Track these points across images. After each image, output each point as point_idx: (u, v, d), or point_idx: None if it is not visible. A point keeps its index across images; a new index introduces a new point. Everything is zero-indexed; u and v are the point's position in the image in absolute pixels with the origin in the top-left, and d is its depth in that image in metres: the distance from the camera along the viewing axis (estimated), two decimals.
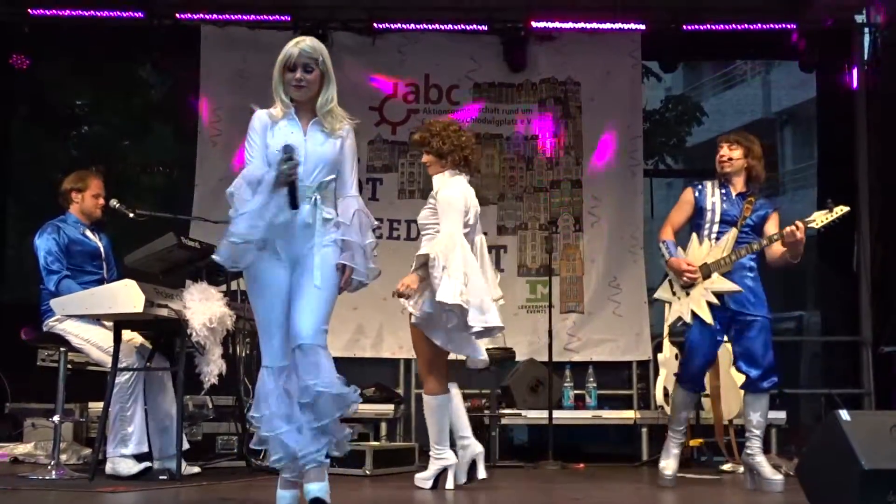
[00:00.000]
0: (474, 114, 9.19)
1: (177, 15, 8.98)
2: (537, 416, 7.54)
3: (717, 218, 5.85)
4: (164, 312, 5.48)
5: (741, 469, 6.47)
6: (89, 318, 5.75)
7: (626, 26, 9.14)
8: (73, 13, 8.97)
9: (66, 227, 6.15)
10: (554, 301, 7.80)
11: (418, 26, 9.09)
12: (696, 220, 5.92)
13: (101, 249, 6.25)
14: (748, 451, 5.71)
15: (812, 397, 9.27)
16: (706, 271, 5.73)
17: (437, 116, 9.08)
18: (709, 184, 5.99)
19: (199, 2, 8.86)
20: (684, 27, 9.09)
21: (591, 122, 9.19)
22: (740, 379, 6.54)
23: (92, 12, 8.96)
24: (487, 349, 7.47)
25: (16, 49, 9.11)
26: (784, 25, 9.08)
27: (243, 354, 6.75)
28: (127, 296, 5.36)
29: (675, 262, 5.82)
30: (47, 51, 9.44)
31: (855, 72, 9.28)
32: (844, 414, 4.03)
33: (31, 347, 6.34)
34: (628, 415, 7.86)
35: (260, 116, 4.21)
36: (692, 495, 5.71)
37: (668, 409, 7.09)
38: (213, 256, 4.13)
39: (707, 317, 5.66)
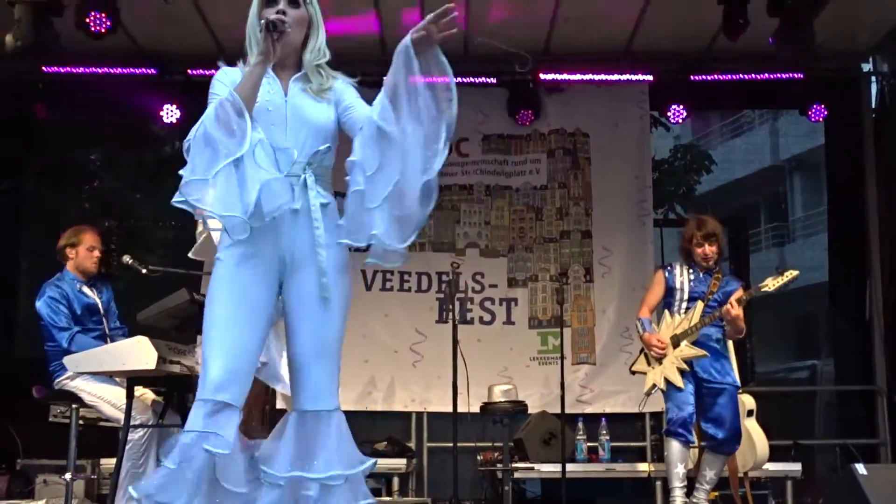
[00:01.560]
0: (485, 166, 9.24)
1: (189, 71, 9.08)
2: (550, 469, 7.48)
3: (686, 296, 6.37)
4: (176, 369, 5.46)
5: None
6: (102, 375, 5.75)
7: (633, 77, 9.22)
8: (87, 70, 9.07)
9: (63, 284, 6.20)
10: (566, 352, 7.78)
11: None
12: (667, 299, 6.46)
13: (100, 304, 6.27)
14: (694, 500, 6.23)
15: (827, 448, 9.18)
16: (675, 341, 6.21)
17: (451, 170, 9.15)
18: (678, 265, 6.52)
19: (212, 58, 8.92)
20: (692, 77, 9.16)
21: (600, 173, 9.23)
22: (756, 431, 6.57)
23: (106, 69, 9.06)
24: (499, 402, 7.47)
25: (29, 106, 9.23)
26: (791, 75, 9.12)
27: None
28: (139, 353, 5.34)
29: (647, 338, 6.35)
30: (61, 107, 9.53)
31: (863, 119, 9.32)
32: (861, 468, 4.00)
33: (43, 405, 6.33)
34: (643, 468, 7.79)
35: (226, 70, 3.43)
36: None
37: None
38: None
39: (678, 382, 6.13)
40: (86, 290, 6.26)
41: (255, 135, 3.08)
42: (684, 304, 6.33)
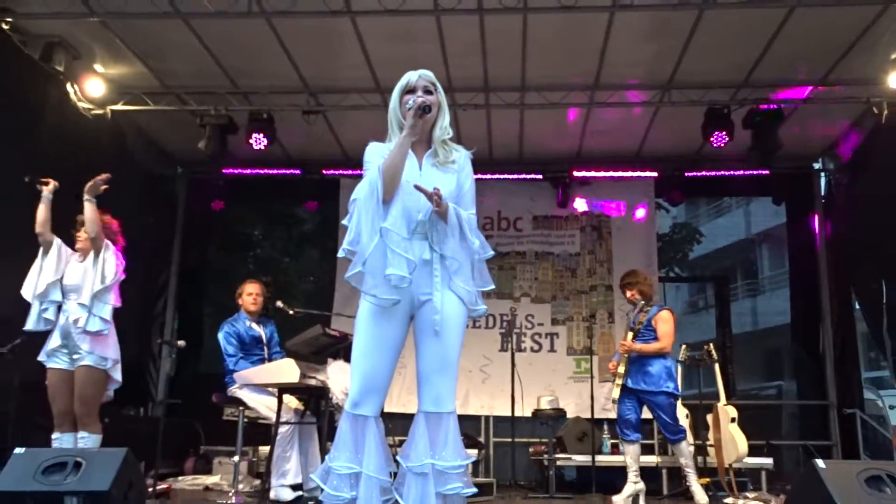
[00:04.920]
0: (534, 238, 9.23)
1: (323, 171, 9.26)
2: (583, 459, 7.31)
3: (629, 326, 6.28)
4: (312, 382, 5.48)
5: (740, 502, 6.19)
6: (260, 387, 5.80)
7: (643, 174, 9.17)
8: (252, 171, 9.31)
9: (237, 322, 6.28)
10: (594, 373, 7.63)
11: (492, 176, 9.20)
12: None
13: (264, 337, 6.32)
14: (688, 483, 6.05)
15: (791, 448, 8.86)
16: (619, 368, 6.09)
17: (510, 241, 9.16)
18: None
19: (340, 162, 9.11)
20: (686, 173, 9.09)
21: (618, 244, 9.16)
22: (738, 434, 6.35)
23: (265, 170, 9.29)
24: (546, 409, 7.36)
25: (212, 197, 9.48)
26: (760, 172, 9.02)
27: None
28: (287, 370, 5.38)
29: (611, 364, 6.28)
30: (234, 197, 9.76)
31: (815, 204, 9.16)
32: (820, 463, 3.83)
33: (219, 407, 6.40)
34: (652, 459, 7.57)
35: (375, 145, 3.13)
36: None
37: (681, 460, 6.86)
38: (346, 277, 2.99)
39: (615, 393, 6.06)
40: (253, 325, 6.31)
41: (394, 207, 2.96)
42: (630, 334, 6.19)
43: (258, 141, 7.69)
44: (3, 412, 5.47)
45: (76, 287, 4.96)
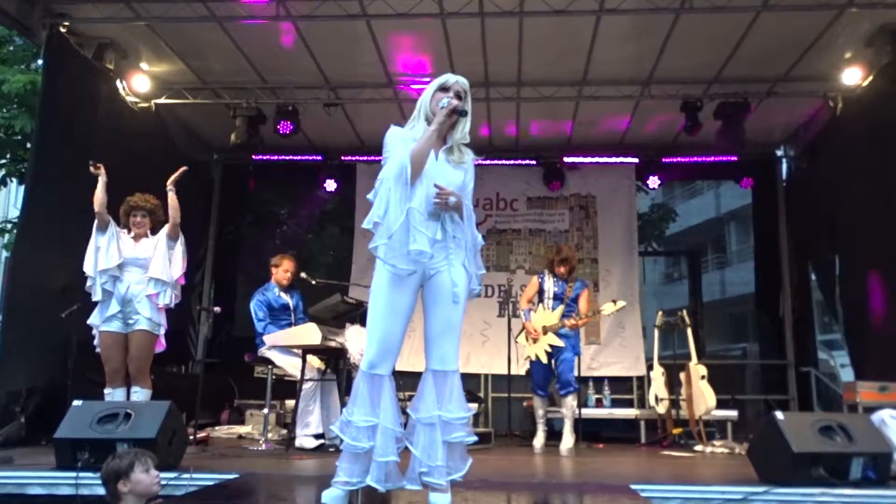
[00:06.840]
0: (528, 216, 9.20)
1: (342, 157, 9.22)
2: None
3: (552, 295, 6.28)
4: (333, 344, 5.53)
5: (709, 449, 6.22)
6: (287, 348, 5.83)
7: (625, 160, 9.11)
8: (279, 157, 9.29)
9: (267, 291, 6.29)
10: (581, 336, 7.67)
11: (492, 162, 9.17)
12: (539, 296, 6.35)
13: (291, 305, 6.33)
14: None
15: (754, 401, 8.91)
16: (545, 331, 6.17)
17: (507, 219, 9.13)
18: (546, 272, 6.41)
19: (356, 149, 9.08)
20: (663, 159, 9.03)
21: (603, 221, 9.11)
22: (707, 389, 6.36)
23: (290, 157, 9.27)
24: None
25: (244, 180, 9.48)
26: (729, 157, 8.97)
27: None
28: (310, 334, 5.42)
29: (527, 325, 6.28)
30: (263, 180, 9.76)
31: (777, 187, 9.12)
32: (779, 414, 3.87)
33: (251, 365, 6.45)
34: (631, 412, 7.63)
35: (395, 130, 3.04)
36: (676, 465, 5.46)
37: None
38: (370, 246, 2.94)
39: (544, 360, 6.19)
40: (282, 294, 6.32)
41: (417, 190, 2.94)
42: (551, 301, 6.25)
43: (285, 126, 7.67)
44: (63, 370, 5.53)
45: (135, 260, 5.00)
